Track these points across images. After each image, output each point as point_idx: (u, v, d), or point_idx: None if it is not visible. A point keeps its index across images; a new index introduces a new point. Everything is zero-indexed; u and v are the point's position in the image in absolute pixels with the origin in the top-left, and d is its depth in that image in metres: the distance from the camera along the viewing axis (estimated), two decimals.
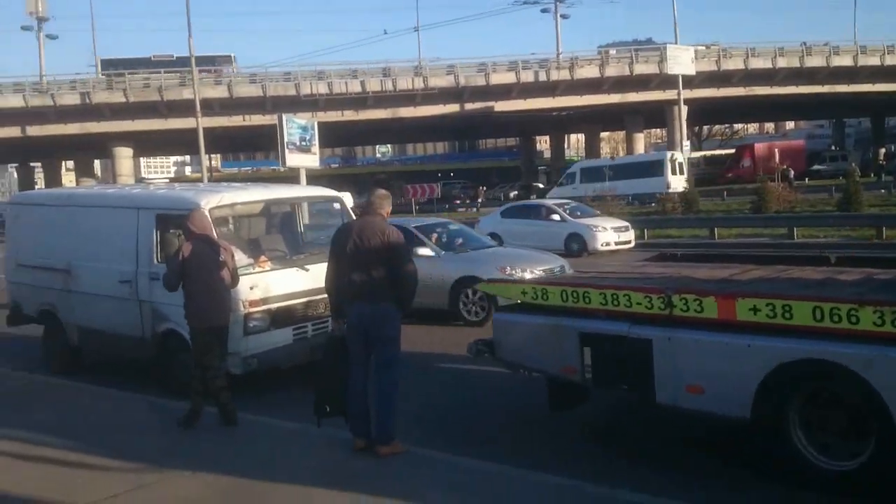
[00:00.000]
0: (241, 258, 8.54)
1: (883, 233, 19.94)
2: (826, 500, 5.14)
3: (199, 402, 7.02)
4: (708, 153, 68.90)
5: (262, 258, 8.76)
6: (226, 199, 8.90)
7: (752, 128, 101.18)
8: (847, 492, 5.15)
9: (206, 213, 7.87)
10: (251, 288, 8.25)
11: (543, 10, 57.65)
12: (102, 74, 52.49)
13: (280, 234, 9.94)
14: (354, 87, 49.35)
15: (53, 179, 63.08)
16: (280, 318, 8.47)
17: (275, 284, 8.47)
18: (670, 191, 34.70)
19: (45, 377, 9.42)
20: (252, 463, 6.04)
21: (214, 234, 7.67)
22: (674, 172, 39.16)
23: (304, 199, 10.20)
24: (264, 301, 8.36)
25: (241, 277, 7.86)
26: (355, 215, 8.49)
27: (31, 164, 68.78)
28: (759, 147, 56.38)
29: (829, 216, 24.34)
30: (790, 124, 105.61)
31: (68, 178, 72.12)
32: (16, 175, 77.90)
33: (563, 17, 57.78)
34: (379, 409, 6.11)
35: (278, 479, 5.68)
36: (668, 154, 42.85)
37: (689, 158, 56.28)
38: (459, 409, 7.83)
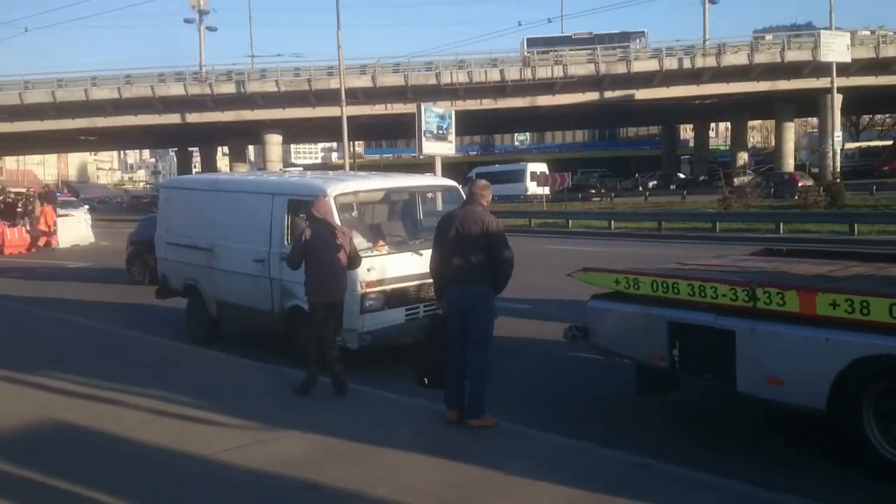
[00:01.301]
0: (360, 242, 9.24)
1: None
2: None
3: (315, 371, 7.73)
4: (864, 144, 64.98)
5: (381, 243, 9.41)
6: (350, 188, 9.62)
7: None
8: None
9: (329, 201, 8.55)
10: (368, 270, 8.89)
11: None
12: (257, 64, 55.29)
13: (399, 221, 10.59)
14: (493, 75, 49.83)
15: (209, 163, 67.31)
16: (394, 298, 9.08)
17: (390, 267, 9.08)
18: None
19: (186, 345, 10.46)
20: (355, 428, 6.65)
21: (336, 220, 8.35)
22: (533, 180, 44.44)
23: (422, 188, 10.76)
24: (380, 282, 8.99)
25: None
26: None
27: (190, 148, 73.45)
28: None
29: None
30: None
31: (223, 163, 76.55)
32: (175, 159, 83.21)
33: (712, 2, 55.99)
34: (472, 385, 6.59)
35: (376, 443, 6.25)
36: (528, 165, 54.12)
37: (843, 149, 53.87)
38: (551, 390, 8.24)
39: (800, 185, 38.07)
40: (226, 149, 70.14)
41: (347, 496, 5.27)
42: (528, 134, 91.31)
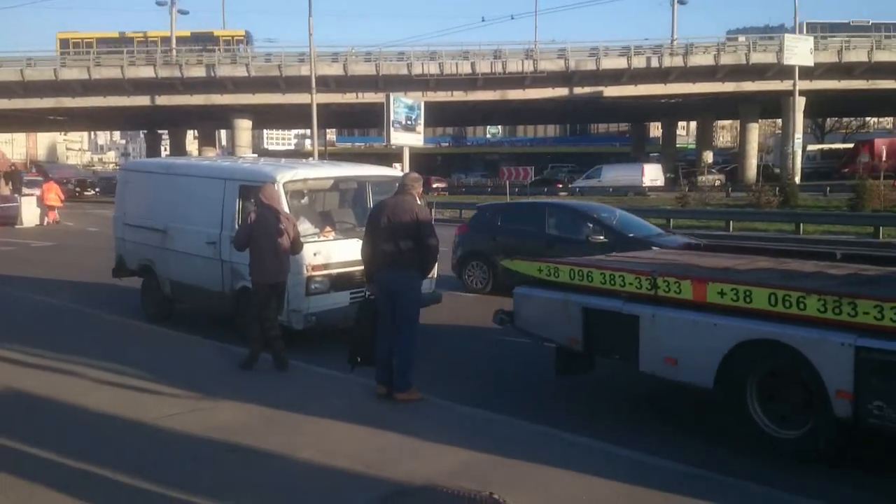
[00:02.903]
0: (307, 227, 9.74)
1: None
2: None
3: (258, 348, 8.20)
4: (825, 146, 66.33)
5: (328, 229, 9.88)
6: (299, 175, 10.07)
7: (888, 122, 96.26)
8: (790, 456, 5.79)
9: (276, 188, 8.98)
10: (315, 254, 9.36)
11: None
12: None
13: (350, 208, 11.04)
14: (465, 68, 50.29)
15: (178, 147, 67.08)
16: (339, 282, 9.55)
17: (336, 252, 9.54)
18: None
19: (139, 322, 10.89)
20: (291, 399, 7.14)
21: (282, 206, 8.80)
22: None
23: (371, 178, 11.20)
24: (325, 266, 9.45)
25: (306, 244, 9.04)
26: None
27: (159, 131, 73.10)
28: (879, 142, 53.99)
29: None
30: None
31: (193, 146, 76.27)
32: (144, 141, 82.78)
33: (681, 2, 56.82)
34: (399, 361, 7.10)
35: (308, 413, 6.76)
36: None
37: (805, 151, 55.01)
38: (480, 370, 8.81)
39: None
40: (196, 132, 69.90)
41: (272, 457, 5.76)
42: (499, 127, 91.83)
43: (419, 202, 7.42)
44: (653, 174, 50.00)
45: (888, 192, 28.15)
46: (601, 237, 12.32)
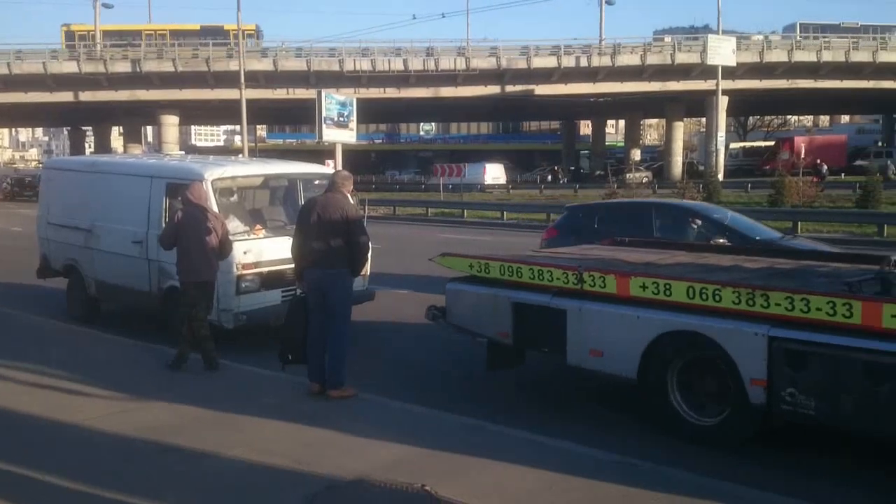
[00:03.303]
0: (237, 226, 9.67)
1: (884, 230, 20.35)
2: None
3: (186, 348, 8.13)
4: (748, 144, 68.49)
5: (258, 227, 9.82)
6: (227, 173, 9.99)
7: (808, 120, 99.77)
8: (710, 444, 6.03)
9: (204, 186, 8.90)
10: (245, 252, 9.30)
11: None
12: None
13: (281, 206, 11.00)
14: (397, 65, 50.28)
15: (103, 143, 65.47)
16: (270, 280, 9.51)
17: (267, 251, 9.50)
18: None
19: (65, 324, 10.66)
20: (223, 399, 7.11)
21: (210, 204, 8.73)
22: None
23: (302, 175, 11.17)
24: (256, 265, 9.41)
25: (236, 243, 9.01)
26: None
27: (83, 127, 71.15)
28: (799, 140, 56.02)
29: (837, 213, 24.72)
30: (845, 118, 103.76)
31: (119, 143, 74.42)
32: (68, 138, 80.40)
33: (608, 3, 57.89)
34: (331, 359, 7.13)
35: (240, 412, 6.74)
36: None
37: (728, 149, 56.68)
38: (415, 365, 8.92)
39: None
40: (121, 129, 68.21)
41: (203, 456, 5.75)
42: (433, 124, 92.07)
43: (350, 200, 7.47)
44: (495, 173, 53.86)
45: (806, 188, 29.22)
46: (722, 240, 10.42)
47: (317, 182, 11.55)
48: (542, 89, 52.39)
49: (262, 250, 9.49)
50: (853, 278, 5.73)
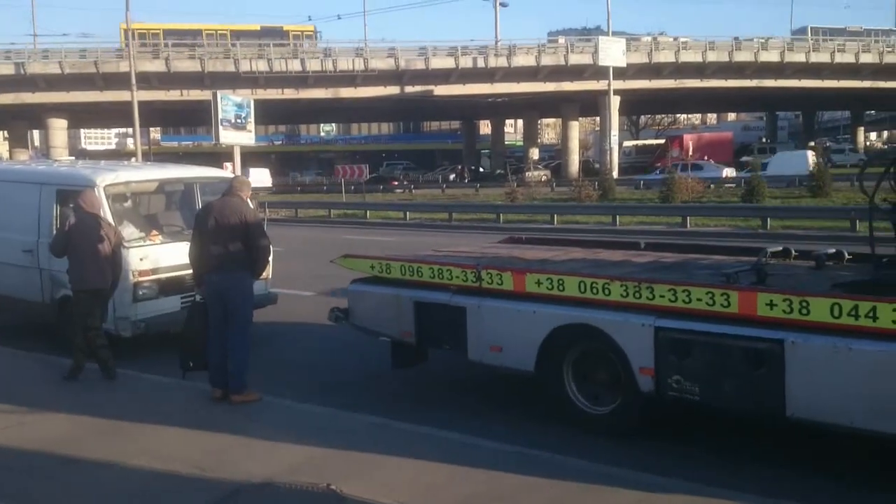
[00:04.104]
0: (133, 232, 9.50)
1: (767, 223, 21.48)
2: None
3: (81, 358, 7.95)
4: (640, 142, 70.86)
5: (154, 232, 9.68)
6: (121, 178, 9.80)
7: (696, 118, 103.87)
8: (604, 432, 6.33)
9: (95, 193, 8.69)
10: (141, 259, 9.16)
11: None
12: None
13: (177, 211, 10.83)
14: (295, 66, 49.88)
15: None
16: (168, 287, 9.38)
17: (165, 256, 9.36)
18: None
19: None
20: (121, 408, 7.00)
21: (103, 211, 8.55)
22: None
23: (198, 180, 11.01)
24: (154, 271, 9.27)
25: (132, 249, 8.89)
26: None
27: None
28: (688, 138, 58.36)
29: (723, 207, 25.99)
30: (732, 115, 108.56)
31: (3, 148, 70.97)
32: None
33: (503, 5, 58.88)
34: (232, 363, 7.11)
35: (141, 420, 6.65)
36: None
37: (621, 147, 58.48)
38: (318, 367, 8.97)
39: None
40: (5, 133, 65.07)
41: (105, 466, 5.68)
42: (334, 125, 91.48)
43: (248, 204, 7.48)
44: (258, 177, 53.07)
45: (695, 184, 30.48)
46: None
47: (213, 185, 11.47)
48: (440, 90, 52.89)
49: (159, 256, 9.35)
50: (731, 270, 6.12)
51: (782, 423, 5.47)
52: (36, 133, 71.09)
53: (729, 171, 40.13)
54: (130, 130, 52.69)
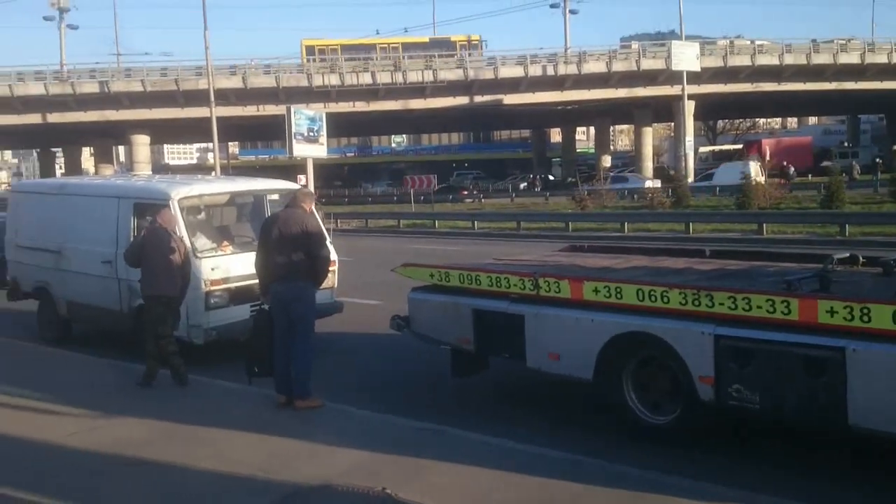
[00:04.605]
0: (205, 242, 9.85)
1: (846, 230, 20.82)
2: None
3: (155, 365, 8.26)
4: (717, 148, 69.40)
5: (225, 243, 10.00)
6: (194, 191, 10.15)
7: (776, 122, 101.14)
8: (665, 441, 6.26)
9: (170, 211, 8.97)
10: (213, 269, 9.47)
11: (552, 6, 58.33)
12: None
13: (248, 222, 11.16)
14: (365, 79, 50.53)
15: (73, 165, 64.91)
16: (239, 295, 9.63)
17: (235, 266, 9.65)
18: None
19: (36, 345, 10.73)
20: (192, 413, 7.26)
21: (177, 226, 8.89)
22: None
23: (267, 191, 11.32)
24: (224, 281, 9.56)
25: (204, 259, 9.23)
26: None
27: (53, 149, 70.58)
28: (766, 143, 56.89)
29: (799, 214, 25.27)
30: (812, 119, 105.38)
31: (90, 164, 73.91)
32: (38, 160, 79.72)
33: (573, 12, 58.58)
34: (296, 370, 7.30)
35: (209, 425, 6.89)
36: None
37: (697, 153, 57.40)
38: (379, 374, 9.13)
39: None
40: (92, 149, 67.81)
41: (172, 469, 5.90)
42: (404, 136, 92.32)
43: (315, 215, 7.67)
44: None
45: (773, 190, 29.74)
46: None
47: (282, 197, 11.78)
48: (510, 99, 52.85)
49: (230, 266, 9.63)
50: (793, 277, 5.99)
51: (844, 433, 5.33)
52: (121, 149, 73.80)
53: (651, 183, 40.92)
54: (210, 145, 54.51)
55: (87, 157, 74.28)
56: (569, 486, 5.20)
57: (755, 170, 33.50)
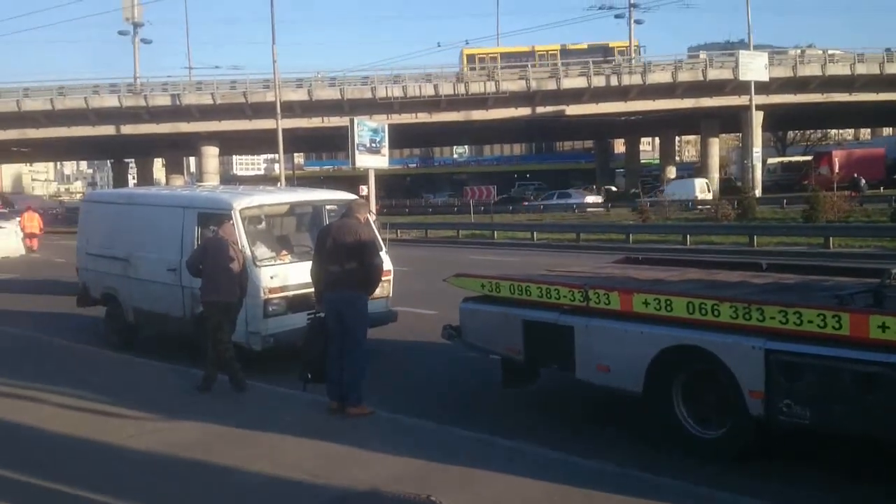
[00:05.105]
0: (264, 251, 10.12)
1: None
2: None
3: (213, 370, 8.51)
4: (786, 159, 67.82)
5: (283, 252, 10.26)
6: (255, 201, 10.44)
7: (848, 133, 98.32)
8: (713, 455, 6.20)
9: (231, 225, 9.21)
10: (272, 277, 9.70)
11: (617, 16, 57.90)
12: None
13: (306, 232, 11.42)
14: (428, 90, 50.92)
15: (146, 175, 67.02)
16: (296, 303, 9.84)
17: (293, 275, 9.86)
18: None
19: (102, 350, 11.12)
20: (247, 417, 7.46)
21: (236, 236, 9.14)
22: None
23: (326, 202, 11.55)
24: (283, 289, 9.78)
25: (263, 268, 9.48)
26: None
27: (126, 160, 72.92)
28: (837, 154, 55.38)
29: (867, 227, 24.59)
30: (887, 130, 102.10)
31: (161, 174, 76.09)
32: (111, 170, 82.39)
33: (638, 22, 57.96)
34: (348, 377, 7.44)
35: (264, 429, 7.07)
36: None
37: (765, 164, 56.23)
38: (431, 382, 9.24)
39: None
40: (163, 160, 69.87)
41: (228, 471, 6.09)
42: (466, 147, 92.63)
43: (370, 224, 7.83)
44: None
45: (841, 202, 28.99)
46: None
47: (340, 207, 12.01)
48: (572, 109, 52.62)
49: (288, 275, 9.86)
50: (846, 292, 5.89)
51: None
52: (191, 159, 75.83)
53: (592, 199, 43.14)
54: (277, 156, 55.70)
55: (158, 168, 76.52)
56: (616, 498, 5.20)
57: (700, 187, 33.35)
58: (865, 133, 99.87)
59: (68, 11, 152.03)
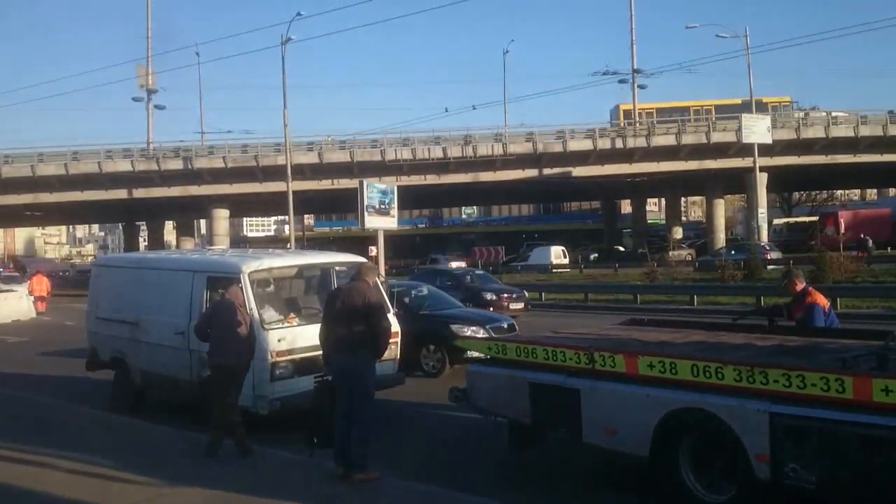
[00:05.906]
0: (272, 315, 10.17)
1: None
2: None
3: (218, 434, 8.49)
4: (792, 220, 68.04)
5: (291, 315, 10.31)
6: (264, 265, 10.55)
7: (854, 193, 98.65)
8: None
9: (239, 289, 9.30)
10: (279, 340, 9.75)
11: (621, 81, 58.78)
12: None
13: (315, 294, 11.49)
14: (436, 153, 51.62)
15: (156, 238, 67.46)
16: (303, 366, 9.88)
17: (300, 338, 9.91)
18: None
19: (108, 414, 11.12)
20: (251, 483, 7.42)
21: (246, 300, 9.24)
22: None
23: (334, 264, 11.67)
24: (290, 352, 9.82)
25: (271, 331, 9.52)
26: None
27: (137, 223, 73.60)
28: (843, 215, 55.47)
29: (874, 288, 24.54)
30: (893, 190, 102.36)
31: (172, 237, 76.64)
32: (122, 233, 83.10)
33: (641, 87, 58.77)
34: (355, 442, 7.43)
35: (267, 495, 7.05)
36: None
37: (771, 225, 56.37)
38: (438, 446, 9.19)
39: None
40: (174, 223, 70.51)
41: None
42: (475, 207, 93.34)
43: (379, 287, 7.90)
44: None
45: (848, 263, 28.99)
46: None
47: (348, 270, 12.11)
48: (579, 171, 53.20)
49: (296, 337, 9.90)
50: (849, 354, 5.92)
51: None
52: (202, 221, 76.53)
53: (456, 264, 43.71)
54: (287, 217, 56.35)
55: (169, 230, 77.08)
56: None
57: (556, 253, 40.34)
58: (872, 193, 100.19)
59: (84, 80, 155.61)
